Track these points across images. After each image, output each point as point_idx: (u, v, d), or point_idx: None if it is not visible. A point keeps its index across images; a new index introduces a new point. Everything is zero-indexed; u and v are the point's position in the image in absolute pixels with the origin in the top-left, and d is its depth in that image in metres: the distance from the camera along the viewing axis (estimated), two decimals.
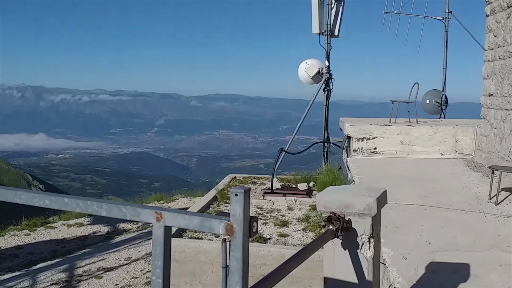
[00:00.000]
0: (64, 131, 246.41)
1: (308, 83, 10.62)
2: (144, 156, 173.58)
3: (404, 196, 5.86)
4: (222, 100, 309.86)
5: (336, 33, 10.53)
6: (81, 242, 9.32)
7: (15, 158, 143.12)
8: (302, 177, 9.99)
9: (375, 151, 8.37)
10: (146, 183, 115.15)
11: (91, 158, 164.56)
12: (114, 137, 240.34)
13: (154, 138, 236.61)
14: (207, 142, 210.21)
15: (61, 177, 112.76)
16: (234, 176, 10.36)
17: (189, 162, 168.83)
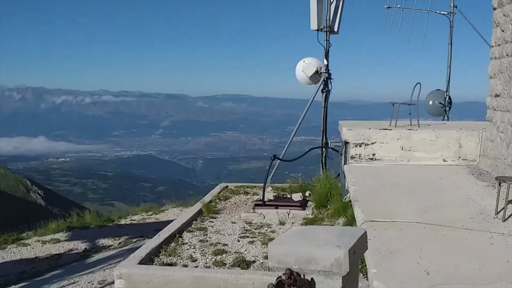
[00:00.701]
0: (65, 134, 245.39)
1: (306, 83, 10.02)
2: (148, 158, 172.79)
3: (403, 211, 5.26)
4: (229, 101, 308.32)
5: (336, 29, 9.91)
6: (54, 261, 8.47)
7: (14, 162, 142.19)
8: (299, 185, 9.39)
9: (374, 158, 7.76)
10: (150, 187, 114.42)
11: (93, 162, 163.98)
12: (117, 139, 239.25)
13: (159, 140, 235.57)
14: (213, 143, 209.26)
15: (61, 181, 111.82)
16: (226, 185, 9.76)
17: (195, 165, 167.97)
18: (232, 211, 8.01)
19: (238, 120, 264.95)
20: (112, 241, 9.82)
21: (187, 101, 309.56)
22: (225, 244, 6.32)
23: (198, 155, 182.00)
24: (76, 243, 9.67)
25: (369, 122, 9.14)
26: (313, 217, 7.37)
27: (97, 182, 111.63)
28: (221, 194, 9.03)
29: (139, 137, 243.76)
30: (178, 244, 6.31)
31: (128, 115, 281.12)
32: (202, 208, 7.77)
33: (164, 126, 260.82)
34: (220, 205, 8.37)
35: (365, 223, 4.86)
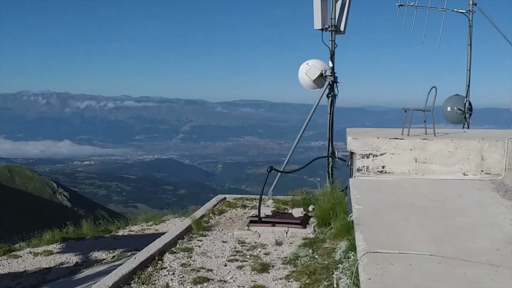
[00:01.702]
0: (89, 138, 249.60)
1: (310, 87, 9.16)
2: (169, 162, 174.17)
3: (414, 239, 4.39)
4: (247, 106, 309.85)
5: (342, 28, 9.02)
6: (42, 276, 8.10)
7: (40, 165, 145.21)
8: (302, 198, 8.58)
9: (383, 171, 6.88)
10: (172, 189, 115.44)
11: (116, 165, 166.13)
12: (140, 143, 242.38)
13: (180, 145, 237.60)
14: (232, 148, 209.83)
15: (86, 184, 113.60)
16: (224, 197, 8.99)
17: (215, 169, 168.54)
18: (226, 227, 7.23)
19: (256, 125, 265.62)
20: (106, 254, 9.25)
21: (207, 106, 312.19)
22: (210, 269, 5.54)
23: (218, 159, 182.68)
24: (68, 256, 9.16)
25: (379, 130, 8.25)
26: (314, 237, 6.55)
27: (120, 185, 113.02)
28: (217, 208, 8.25)
29: (160, 141, 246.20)
30: (156, 268, 5.56)
31: (149, 120, 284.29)
32: (192, 224, 7.00)
33: (184, 130, 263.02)
34: (214, 220, 7.60)
35: (366, 255, 4.02)
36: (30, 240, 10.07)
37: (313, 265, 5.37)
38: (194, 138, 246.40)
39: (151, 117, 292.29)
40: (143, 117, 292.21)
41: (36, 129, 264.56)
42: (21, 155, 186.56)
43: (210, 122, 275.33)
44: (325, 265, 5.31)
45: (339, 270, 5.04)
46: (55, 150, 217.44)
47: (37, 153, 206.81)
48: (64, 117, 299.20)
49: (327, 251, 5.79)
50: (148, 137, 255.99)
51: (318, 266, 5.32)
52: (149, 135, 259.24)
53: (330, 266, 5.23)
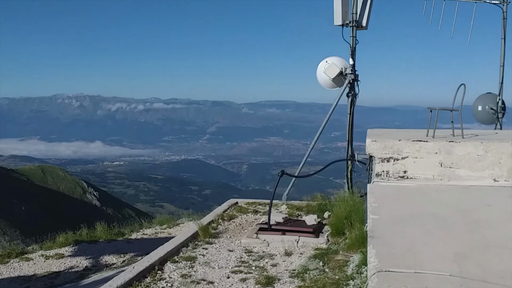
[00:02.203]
0: (119, 139, 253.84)
1: (329, 86, 8.64)
2: (195, 163, 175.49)
3: (433, 256, 3.85)
4: (273, 107, 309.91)
5: (364, 23, 8.46)
6: (50, 280, 7.91)
7: (72, 165, 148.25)
8: (318, 203, 8.07)
9: (405, 176, 6.32)
10: (197, 190, 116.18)
11: (145, 165, 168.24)
12: (167, 144, 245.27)
13: (206, 145, 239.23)
14: (258, 149, 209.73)
15: (115, 184, 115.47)
16: (236, 201, 8.55)
17: (240, 169, 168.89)
18: (234, 234, 6.80)
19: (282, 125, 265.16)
20: (117, 258, 8.99)
21: (233, 107, 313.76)
22: (211, 281, 5.11)
23: (243, 160, 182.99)
24: (79, 260, 8.95)
25: (401, 131, 7.66)
26: (326, 248, 6.03)
27: (148, 185, 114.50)
28: (227, 213, 7.82)
29: (187, 142, 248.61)
30: (155, 279, 5.16)
31: (177, 122, 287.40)
32: (199, 230, 6.58)
33: (210, 131, 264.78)
34: (222, 226, 7.16)
35: (377, 274, 3.51)
36: (43, 242, 9.91)
37: (322, 280, 4.87)
38: (220, 139, 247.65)
39: (179, 119, 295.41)
40: (171, 118, 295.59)
41: (69, 130, 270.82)
42: (54, 155, 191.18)
43: (236, 123, 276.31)
44: (335, 280, 4.81)
45: (350, 287, 4.53)
46: (87, 151, 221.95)
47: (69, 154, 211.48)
48: (96, 119, 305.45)
49: (339, 264, 5.29)
50: (176, 138, 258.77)
51: (328, 281, 4.83)
52: (177, 136, 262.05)
53: (340, 282, 4.73)
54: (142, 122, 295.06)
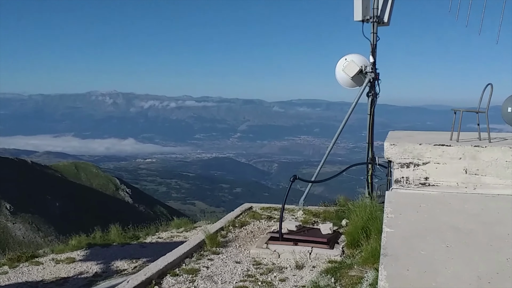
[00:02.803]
0: (152, 136, 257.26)
1: (348, 85, 8.16)
2: (226, 161, 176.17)
3: (453, 278, 3.40)
4: (304, 106, 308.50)
5: (386, 19, 7.94)
6: (58, 287, 7.66)
7: (105, 162, 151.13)
8: (336, 209, 7.63)
9: (427, 183, 5.83)
10: (228, 188, 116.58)
11: (176, 163, 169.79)
12: (199, 142, 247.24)
13: (237, 143, 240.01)
14: (288, 147, 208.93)
15: (148, 181, 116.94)
16: (250, 206, 8.18)
17: (270, 168, 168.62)
18: (244, 243, 6.44)
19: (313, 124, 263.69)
20: (128, 264, 8.74)
21: (264, 106, 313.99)
22: None
23: (273, 158, 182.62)
24: (89, 265, 8.72)
25: (424, 133, 7.15)
26: (341, 261, 5.60)
27: (180, 182, 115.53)
28: (239, 219, 7.46)
29: (218, 140, 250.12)
30: None
31: (208, 119, 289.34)
32: (205, 239, 6.25)
33: (241, 130, 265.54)
34: (233, 234, 6.81)
35: None
36: (55, 246, 9.76)
37: None
38: (250, 137, 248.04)
39: (210, 117, 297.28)
40: (202, 116, 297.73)
41: (103, 127, 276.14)
42: (87, 152, 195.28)
43: (266, 121, 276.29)
44: None
45: None
46: (120, 148, 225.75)
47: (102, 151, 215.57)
48: (129, 116, 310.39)
49: (352, 281, 4.86)
50: (207, 136, 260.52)
51: None
52: (208, 134, 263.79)
53: None
54: (174, 119, 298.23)
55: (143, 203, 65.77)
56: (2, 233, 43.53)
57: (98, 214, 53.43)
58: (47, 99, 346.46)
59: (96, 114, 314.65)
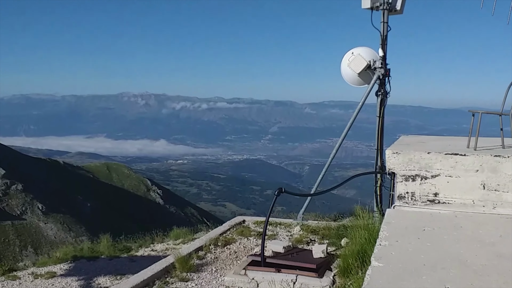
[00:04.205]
0: (183, 138, 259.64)
1: (355, 83, 7.15)
2: (257, 163, 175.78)
3: None
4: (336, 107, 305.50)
5: (398, 6, 6.90)
6: None
7: (137, 163, 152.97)
8: (337, 226, 6.65)
9: (436, 200, 4.82)
10: (259, 190, 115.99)
11: (207, 164, 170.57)
12: (230, 143, 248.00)
13: (268, 145, 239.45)
14: (320, 150, 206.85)
15: (179, 182, 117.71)
16: (242, 220, 7.29)
17: (301, 170, 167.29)
18: (223, 266, 5.55)
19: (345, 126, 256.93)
20: (111, 280, 7.96)
21: (295, 107, 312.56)
22: None
23: (305, 160, 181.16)
24: (69, 281, 7.97)
25: (438, 139, 6.08)
26: None
27: (211, 184, 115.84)
28: (225, 236, 6.57)
29: (249, 142, 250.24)
30: None
31: (240, 121, 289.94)
32: (175, 262, 5.38)
33: (272, 132, 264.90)
34: (212, 254, 5.93)
35: None
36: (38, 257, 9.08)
37: None
38: (281, 139, 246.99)
39: (241, 118, 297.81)
40: (234, 118, 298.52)
41: (135, 128, 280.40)
42: (120, 153, 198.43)
43: (298, 123, 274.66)
44: None
45: None
46: (152, 149, 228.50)
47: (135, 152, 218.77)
48: (161, 118, 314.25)
49: None
50: (238, 137, 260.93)
51: None
52: (239, 135, 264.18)
53: None
54: (205, 121, 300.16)
55: (174, 204, 65.74)
56: (34, 232, 44.06)
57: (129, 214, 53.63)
58: (80, 100, 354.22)
59: (128, 115, 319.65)
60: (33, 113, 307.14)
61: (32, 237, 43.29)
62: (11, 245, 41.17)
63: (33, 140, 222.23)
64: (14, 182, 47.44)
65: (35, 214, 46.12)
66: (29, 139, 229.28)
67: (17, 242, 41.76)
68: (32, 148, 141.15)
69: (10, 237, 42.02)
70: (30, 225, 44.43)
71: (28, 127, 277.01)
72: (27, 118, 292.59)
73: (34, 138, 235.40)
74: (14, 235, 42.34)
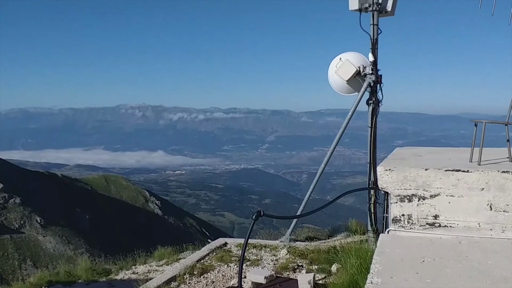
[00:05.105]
0: (181, 148, 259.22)
1: (344, 91, 6.56)
2: (255, 172, 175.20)
3: None
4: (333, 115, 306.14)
5: (389, 7, 6.34)
6: None
7: (136, 174, 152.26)
8: (328, 248, 6.03)
9: (436, 223, 4.20)
10: (257, 199, 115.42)
11: (205, 174, 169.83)
12: (227, 153, 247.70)
13: (265, 154, 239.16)
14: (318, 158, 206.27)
15: (177, 192, 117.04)
16: (224, 242, 6.65)
17: (299, 179, 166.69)
18: None
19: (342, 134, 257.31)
20: None
21: (292, 116, 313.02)
22: None
23: (302, 169, 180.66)
24: None
25: (435, 151, 5.46)
26: None
27: (209, 194, 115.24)
28: (203, 262, 5.92)
29: (246, 151, 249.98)
30: None
31: (236, 131, 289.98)
32: None
33: (269, 141, 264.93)
34: (187, 286, 5.29)
35: None
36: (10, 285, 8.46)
37: None
38: (279, 148, 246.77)
39: (238, 128, 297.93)
40: (230, 128, 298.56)
41: (133, 140, 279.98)
42: (118, 165, 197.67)
43: (295, 132, 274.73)
44: None
45: None
46: (150, 160, 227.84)
47: (132, 163, 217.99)
48: (158, 129, 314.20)
49: None
50: (235, 147, 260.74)
51: None
52: (236, 145, 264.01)
53: None
54: (202, 131, 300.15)
55: (173, 215, 65.12)
56: (33, 246, 43.41)
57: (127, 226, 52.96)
58: (77, 113, 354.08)
59: (126, 127, 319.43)
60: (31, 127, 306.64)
61: (31, 251, 42.66)
62: (10, 259, 40.52)
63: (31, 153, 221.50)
64: (12, 195, 46.82)
65: (33, 227, 45.45)
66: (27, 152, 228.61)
67: (16, 256, 41.16)
68: (30, 161, 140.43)
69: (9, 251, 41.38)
70: (29, 239, 43.80)
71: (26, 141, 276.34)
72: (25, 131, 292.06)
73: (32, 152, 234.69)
74: (13, 249, 41.70)
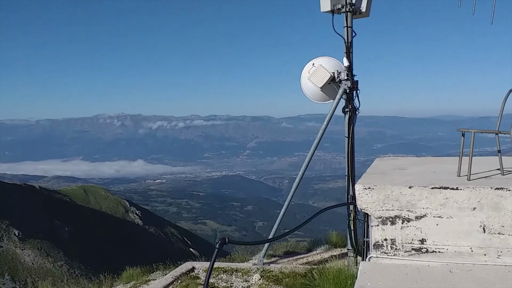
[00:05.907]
0: (161, 157, 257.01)
1: (318, 99, 6.05)
2: (236, 179, 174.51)
3: None
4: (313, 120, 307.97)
5: (364, 8, 5.86)
6: None
7: (115, 184, 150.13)
8: (305, 272, 5.49)
9: (423, 248, 3.70)
10: (239, 206, 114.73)
11: (186, 183, 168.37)
12: (208, 161, 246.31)
13: (246, 161, 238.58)
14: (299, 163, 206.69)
15: (158, 202, 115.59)
16: (191, 267, 6.05)
17: (281, 184, 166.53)
18: None
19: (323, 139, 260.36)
20: None
21: (272, 122, 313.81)
22: None
23: (284, 174, 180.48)
24: None
25: (420, 161, 4.96)
26: None
27: (190, 202, 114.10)
28: None
29: (227, 158, 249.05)
30: None
31: (217, 138, 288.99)
32: None
33: (250, 147, 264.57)
34: None
35: None
36: None
37: None
38: (260, 154, 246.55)
39: (218, 135, 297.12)
40: (211, 135, 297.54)
41: (112, 150, 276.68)
42: (97, 175, 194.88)
43: (275, 137, 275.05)
44: None
45: None
46: (130, 170, 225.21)
47: (112, 173, 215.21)
48: (137, 138, 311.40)
49: None
50: (216, 154, 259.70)
51: None
52: (217, 152, 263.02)
53: None
54: (182, 139, 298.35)
55: (154, 224, 64.04)
56: (11, 260, 42.23)
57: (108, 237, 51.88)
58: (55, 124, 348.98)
59: (105, 137, 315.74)
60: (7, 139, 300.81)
61: (9, 265, 41.47)
62: None
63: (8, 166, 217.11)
64: None
65: (11, 241, 44.14)
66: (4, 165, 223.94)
67: None
68: (8, 174, 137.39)
69: None
70: (7, 252, 42.53)
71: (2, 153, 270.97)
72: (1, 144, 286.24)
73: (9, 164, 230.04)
74: None
